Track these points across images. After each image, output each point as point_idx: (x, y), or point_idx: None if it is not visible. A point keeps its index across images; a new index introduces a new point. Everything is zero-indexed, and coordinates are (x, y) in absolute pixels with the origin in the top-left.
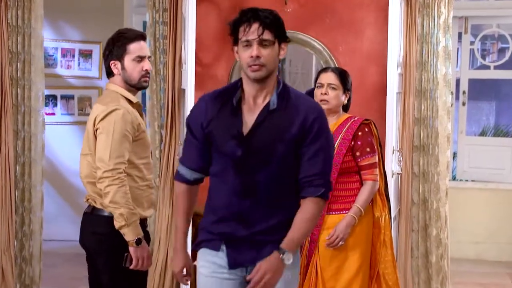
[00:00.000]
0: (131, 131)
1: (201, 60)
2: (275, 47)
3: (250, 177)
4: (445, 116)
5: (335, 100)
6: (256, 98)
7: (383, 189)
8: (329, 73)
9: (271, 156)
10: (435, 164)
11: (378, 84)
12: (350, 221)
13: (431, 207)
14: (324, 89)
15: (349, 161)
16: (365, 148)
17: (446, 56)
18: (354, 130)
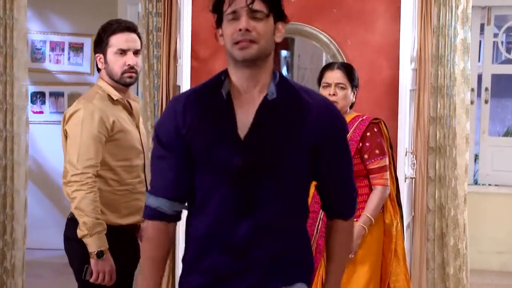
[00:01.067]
0: (103, 131)
1: (197, 54)
2: (269, 23)
3: (250, 194)
4: (464, 115)
5: (344, 100)
6: (249, 90)
7: (394, 195)
8: (335, 71)
9: (279, 164)
10: (452, 167)
11: (390, 80)
12: (359, 232)
13: (448, 214)
14: (332, 89)
15: (357, 164)
16: (374, 150)
17: (465, 50)
18: (362, 131)
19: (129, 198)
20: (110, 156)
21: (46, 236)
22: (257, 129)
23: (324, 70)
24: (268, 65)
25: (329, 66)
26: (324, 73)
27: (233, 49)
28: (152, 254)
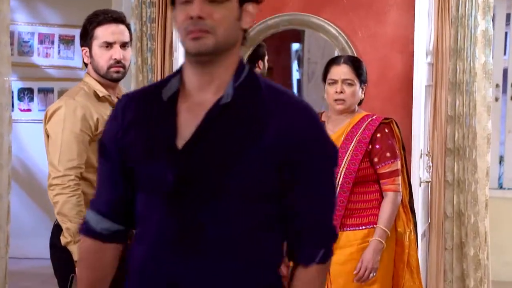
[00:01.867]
0: (86, 129)
1: None
2: (231, 6)
3: (190, 218)
4: (485, 113)
5: (352, 97)
6: (201, 91)
7: (407, 200)
8: (342, 66)
9: (227, 182)
10: (472, 170)
11: (403, 76)
12: (376, 247)
13: (468, 222)
14: (339, 86)
15: (366, 168)
16: (384, 153)
17: (486, 42)
18: (372, 132)
19: None
20: (95, 157)
21: (33, 244)
22: (199, 139)
23: (329, 65)
24: (229, 61)
25: (334, 61)
26: (330, 68)
27: (185, 39)
28: (82, 275)
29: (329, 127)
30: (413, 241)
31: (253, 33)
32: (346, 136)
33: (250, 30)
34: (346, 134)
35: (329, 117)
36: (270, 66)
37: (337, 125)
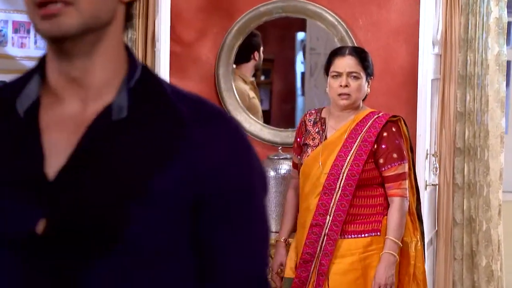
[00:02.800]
0: None
1: (180, 37)
2: None
3: (64, 283)
4: (498, 109)
5: (358, 92)
6: (73, 96)
7: (414, 207)
8: (347, 58)
9: (118, 231)
10: (484, 172)
11: (409, 68)
12: (388, 261)
13: (479, 229)
14: (344, 79)
15: (371, 170)
16: (391, 154)
17: (500, 31)
18: (378, 130)
19: None
20: None
21: None
22: (79, 167)
23: (333, 56)
24: (107, 49)
25: (338, 52)
26: (333, 60)
27: (34, 17)
28: None
29: (330, 124)
30: (419, 251)
31: (244, 21)
32: (350, 134)
33: (239, 19)
34: (349, 132)
35: (331, 113)
36: (271, 58)
37: (339, 122)
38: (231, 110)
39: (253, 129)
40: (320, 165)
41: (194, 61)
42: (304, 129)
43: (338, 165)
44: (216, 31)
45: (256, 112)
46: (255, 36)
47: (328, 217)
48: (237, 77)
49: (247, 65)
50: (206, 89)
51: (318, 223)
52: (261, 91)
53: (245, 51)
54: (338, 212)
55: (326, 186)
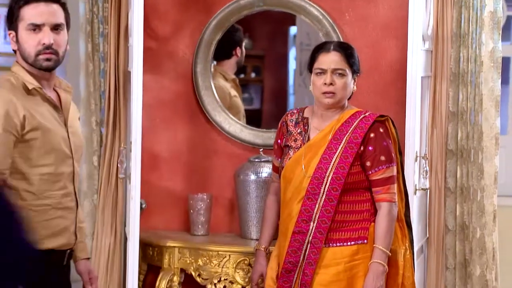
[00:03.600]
0: (11, 128)
1: (155, 31)
2: None
3: None
4: (493, 109)
5: (344, 90)
6: None
7: (402, 213)
8: (332, 54)
9: None
10: (478, 175)
11: (398, 65)
12: (377, 271)
13: (473, 236)
14: (328, 77)
15: (357, 173)
16: (378, 157)
17: (494, 26)
18: (365, 131)
19: (50, 216)
20: (23, 161)
21: None
22: None
23: (317, 52)
24: None
25: (322, 47)
26: (317, 56)
27: None
28: None
29: (314, 124)
30: (408, 260)
31: (223, 15)
32: (335, 135)
33: (218, 13)
34: (334, 133)
35: (314, 112)
36: (261, 54)
37: (324, 121)
38: (210, 110)
39: (232, 129)
40: (302, 168)
41: (170, 57)
42: (286, 130)
43: (322, 168)
44: (194, 26)
45: (238, 111)
46: (236, 31)
47: (312, 223)
48: (217, 75)
49: (228, 61)
50: (183, 87)
51: (301, 230)
52: (252, 89)
53: (226, 47)
54: (322, 219)
55: (310, 190)
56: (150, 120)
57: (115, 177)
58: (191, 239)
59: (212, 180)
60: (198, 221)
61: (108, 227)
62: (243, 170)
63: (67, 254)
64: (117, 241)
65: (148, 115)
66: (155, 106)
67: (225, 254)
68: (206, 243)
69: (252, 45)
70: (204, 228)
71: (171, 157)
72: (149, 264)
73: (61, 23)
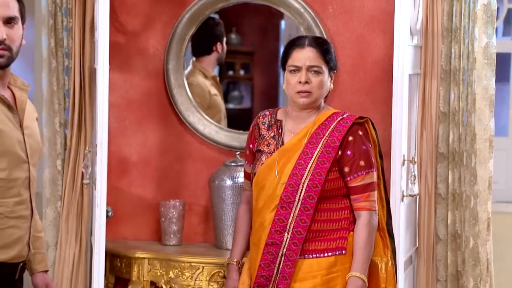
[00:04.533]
0: None
1: (124, 25)
2: None
3: None
4: (487, 109)
5: (320, 89)
6: None
7: (384, 222)
8: (307, 50)
9: None
10: (471, 181)
11: (385, 62)
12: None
13: (466, 246)
14: (304, 75)
15: (335, 179)
16: (357, 162)
17: (488, 19)
18: (344, 134)
19: (2, 225)
20: None
21: None
22: None
23: (290, 48)
24: None
25: (297, 43)
26: (291, 52)
27: None
28: None
29: (288, 127)
30: (391, 273)
31: (197, 7)
32: (310, 139)
33: (192, 5)
34: (310, 136)
35: (288, 114)
36: (250, 50)
37: (298, 124)
38: (183, 110)
39: (207, 131)
40: (276, 175)
41: (140, 53)
42: (258, 134)
43: (298, 174)
44: (166, 19)
45: (218, 111)
46: (217, 24)
47: (286, 234)
48: (196, 72)
49: (208, 58)
50: (154, 85)
51: (275, 241)
52: (242, 87)
53: (206, 42)
54: (297, 229)
55: (284, 198)
56: (118, 121)
57: (80, 183)
58: (162, 249)
59: (185, 186)
60: (170, 230)
61: (72, 237)
62: (219, 175)
63: (19, 267)
64: (82, 251)
65: (116, 116)
66: (124, 106)
67: (198, 266)
68: (178, 254)
69: (241, 41)
70: (176, 237)
71: (141, 161)
72: (116, 277)
73: (15, 16)
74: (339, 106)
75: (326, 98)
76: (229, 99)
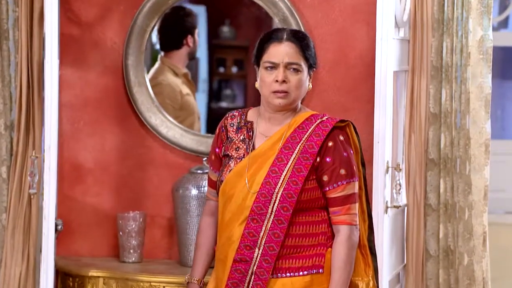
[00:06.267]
0: None
1: (78, 16)
2: None
3: None
4: (482, 110)
5: (298, 89)
6: None
7: (365, 238)
8: (285, 44)
9: None
10: (465, 190)
11: (370, 57)
12: None
13: (459, 263)
14: (281, 73)
15: (312, 189)
16: (338, 170)
17: (484, 10)
18: (323, 139)
19: None
20: None
21: None
22: None
23: (266, 42)
24: None
25: (273, 37)
26: (267, 47)
27: None
28: None
29: (260, 129)
30: None
31: None
32: (286, 144)
33: None
34: (285, 141)
35: (261, 115)
36: (244, 45)
37: (272, 126)
38: (144, 110)
39: (171, 134)
40: (246, 183)
41: (96, 47)
42: (225, 137)
43: (271, 183)
44: (124, 9)
45: (191, 113)
46: (188, 15)
47: (257, 250)
48: (165, 69)
49: (178, 53)
50: (112, 83)
51: (244, 258)
52: (234, 85)
53: (175, 35)
54: (269, 244)
55: (255, 210)
56: (72, 123)
57: (27, 192)
58: (120, 267)
59: (147, 195)
60: (128, 245)
61: (19, 253)
62: (183, 183)
63: None
64: (30, 269)
65: (69, 117)
66: (78, 106)
67: (159, 286)
68: (137, 272)
69: (235, 34)
70: (136, 253)
71: (97, 167)
72: None
73: None
74: (319, 106)
75: (304, 99)
76: (222, 98)
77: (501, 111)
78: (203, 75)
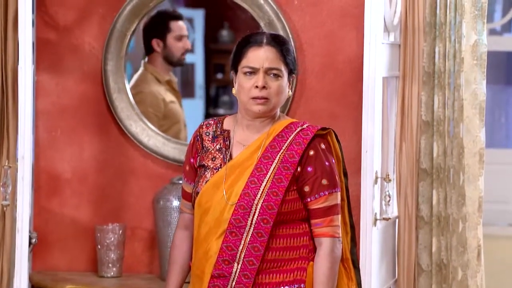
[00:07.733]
0: None
1: (55, 19)
2: None
3: None
4: (476, 118)
5: (278, 96)
6: None
7: (348, 251)
8: (265, 49)
9: None
10: (458, 201)
11: (359, 62)
12: None
13: (453, 278)
14: (261, 78)
15: (293, 200)
16: (319, 180)
17: (478, 13)
18: (304, 147)
19: None
20: None
21: None
22: None
23: (245, 46)
24: None
25: (252, 41)
26: (246, 51)
27: None
28: None
29: (237, 138)
30: None
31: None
32: (265, 153)
33: None
34: (264, 150)
35: (238, 122)
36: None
37: (250, 135)
38: (124, 118)
39: (152, 143)
40: (224, 195)
41: (74, 52)
42: (200, 146)
43: (250, 194)
44: (103, 12)
45: (176, 121)
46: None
47: (236, 265)
48: (148, 76)
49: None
50: (91, 89)
51: (222, 273)
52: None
53: (144, 39)
54: (249, 259)
55: (233, 222)
56: (49, 131)
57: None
58: (98, 282)
59: (127, 207)
60: (107, 259)
61: None
62: (164, 194)
63: None
64: (3, 284)
65: (46, 125)
66: (55, 113)
67: None
68: None
69: (234, 38)
70: (115, 267)
71: (75, 177)
72: None
73: None
74: (306, 113)
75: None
76: (219, 104)
77: (505, 119)
78: (199, 81)
